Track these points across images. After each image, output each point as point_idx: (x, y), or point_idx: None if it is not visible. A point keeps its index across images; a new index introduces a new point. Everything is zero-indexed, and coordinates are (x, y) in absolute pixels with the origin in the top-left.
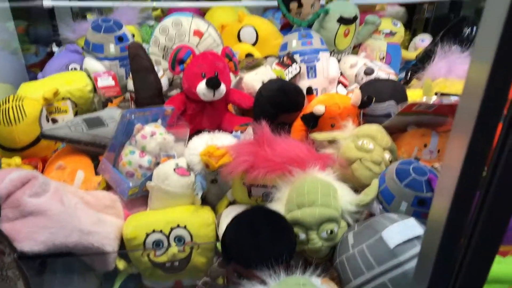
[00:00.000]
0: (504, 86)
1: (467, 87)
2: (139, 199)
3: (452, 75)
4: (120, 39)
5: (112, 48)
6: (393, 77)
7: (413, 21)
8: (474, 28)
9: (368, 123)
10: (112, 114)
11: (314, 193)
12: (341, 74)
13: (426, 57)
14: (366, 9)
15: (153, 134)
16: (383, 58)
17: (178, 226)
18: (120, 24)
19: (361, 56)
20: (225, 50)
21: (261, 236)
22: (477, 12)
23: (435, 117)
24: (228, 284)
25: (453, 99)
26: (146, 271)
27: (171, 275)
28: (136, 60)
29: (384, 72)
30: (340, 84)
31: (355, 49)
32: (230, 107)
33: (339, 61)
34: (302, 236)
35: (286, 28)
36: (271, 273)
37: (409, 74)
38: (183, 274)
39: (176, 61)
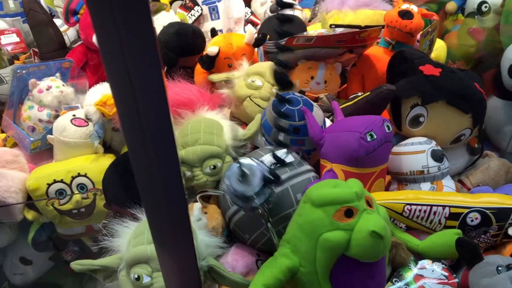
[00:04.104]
0: None
1: None
2: (45, 152)
3: (344, 7)
4: None
5: (12, 4)
6: (299, 13)
7: None
8: None
9: (270, 60)
10: None
11: (196, 132)
12: (253, 13)
13: None
14: None
15: (49, 88)
16: None
17: (79, 174)
18: None
19: None
20: None
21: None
22: None
23: (321, 50)
24: None
25: (339, 30)
26: (55, 219)
27: (80, 221)
28: (31, 15)
29: (290, 9)
30: (250, 24)
31: None
32: None
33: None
34: (188, 173)
35: None
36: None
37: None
38: (92, 219)
39: (70, 12)
